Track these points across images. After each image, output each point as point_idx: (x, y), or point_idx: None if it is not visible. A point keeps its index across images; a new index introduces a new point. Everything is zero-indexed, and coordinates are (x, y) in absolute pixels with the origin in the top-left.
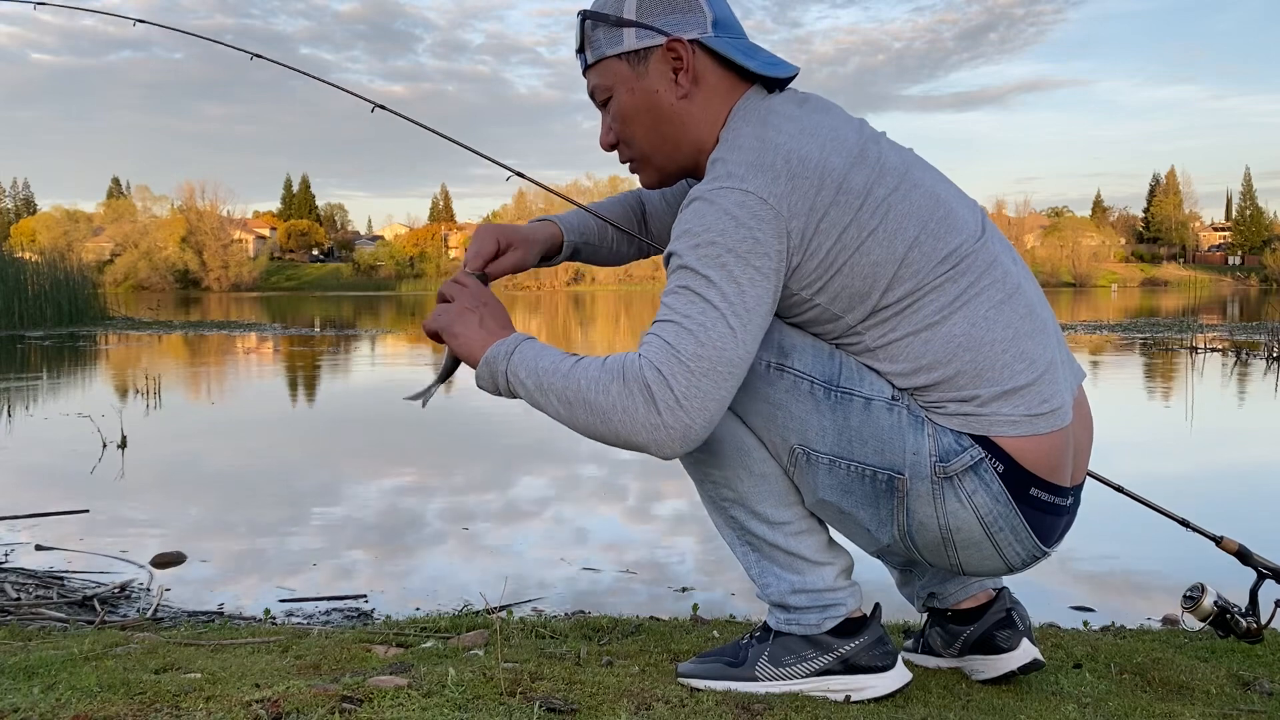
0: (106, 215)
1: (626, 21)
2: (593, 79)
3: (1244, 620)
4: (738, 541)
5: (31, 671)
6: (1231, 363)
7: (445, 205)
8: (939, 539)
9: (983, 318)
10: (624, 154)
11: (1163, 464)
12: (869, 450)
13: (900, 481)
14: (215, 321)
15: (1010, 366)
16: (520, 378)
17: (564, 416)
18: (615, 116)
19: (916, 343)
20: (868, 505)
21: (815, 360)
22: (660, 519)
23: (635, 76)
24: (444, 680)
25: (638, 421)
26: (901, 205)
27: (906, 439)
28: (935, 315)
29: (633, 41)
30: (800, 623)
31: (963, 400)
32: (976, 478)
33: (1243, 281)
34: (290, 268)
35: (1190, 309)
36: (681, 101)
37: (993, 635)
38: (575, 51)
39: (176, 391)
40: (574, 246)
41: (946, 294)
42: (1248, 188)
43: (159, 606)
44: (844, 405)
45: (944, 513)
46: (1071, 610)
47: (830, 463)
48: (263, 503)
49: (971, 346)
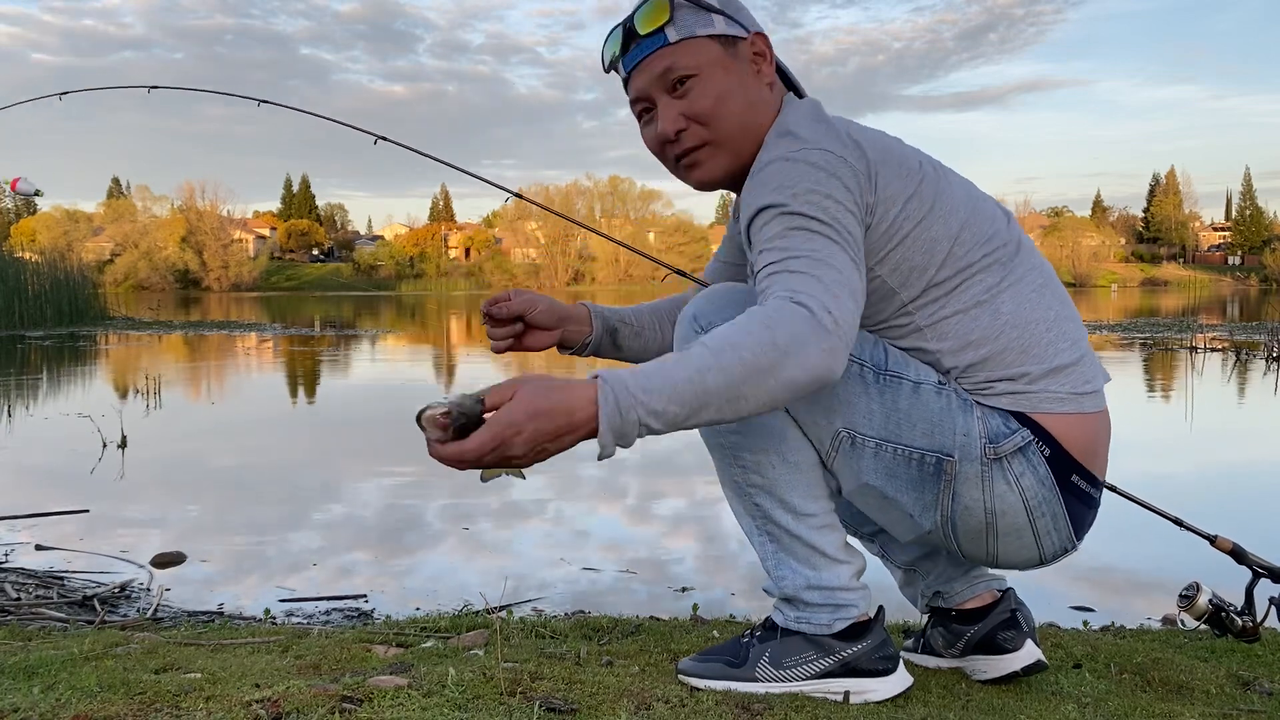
0: (106, 215)
1: (715, 8)
2: (672, 58)
3: (1240, 619)
4: (756, 530)
5: (31, 671)
6: (1231, 363)
7: (445, 205)
8: (981, 525)
9: (1026, 299)
10: (693, 140)
11: (1163, 463)
12: (918, 433)
13: (949, 464)
14: (215, 321)
15: (1054, 344)
16: (659, 409)
17: (730, 409)
18: (702, 95)
19: (966, 320)
20: (913, 490)
21: (861, 345)
22: (660, 519)
23: (730, 58)
24: (444, 680)
25: (812, 351)
26: (949, 190)
27: (956, 421)
28: (983, 294)
29: (723, 27)
30: (811, 621)
31: (1011, 379)
32: (1025, 460)
33: (1243, 281)
34: (290, 268)
35: (1190, 309)
36: (766, 88)
37: (997, 635)
38: (622, 48)
39: (176, 391)
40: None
41: (993, 275)
42: (1248, 188)
43: (159, 606)
44: (893, 388)
45: (991, 496)
46: (1071, 610)
47: (877, 446)
48: (263, 503)
49: (1018, 324)
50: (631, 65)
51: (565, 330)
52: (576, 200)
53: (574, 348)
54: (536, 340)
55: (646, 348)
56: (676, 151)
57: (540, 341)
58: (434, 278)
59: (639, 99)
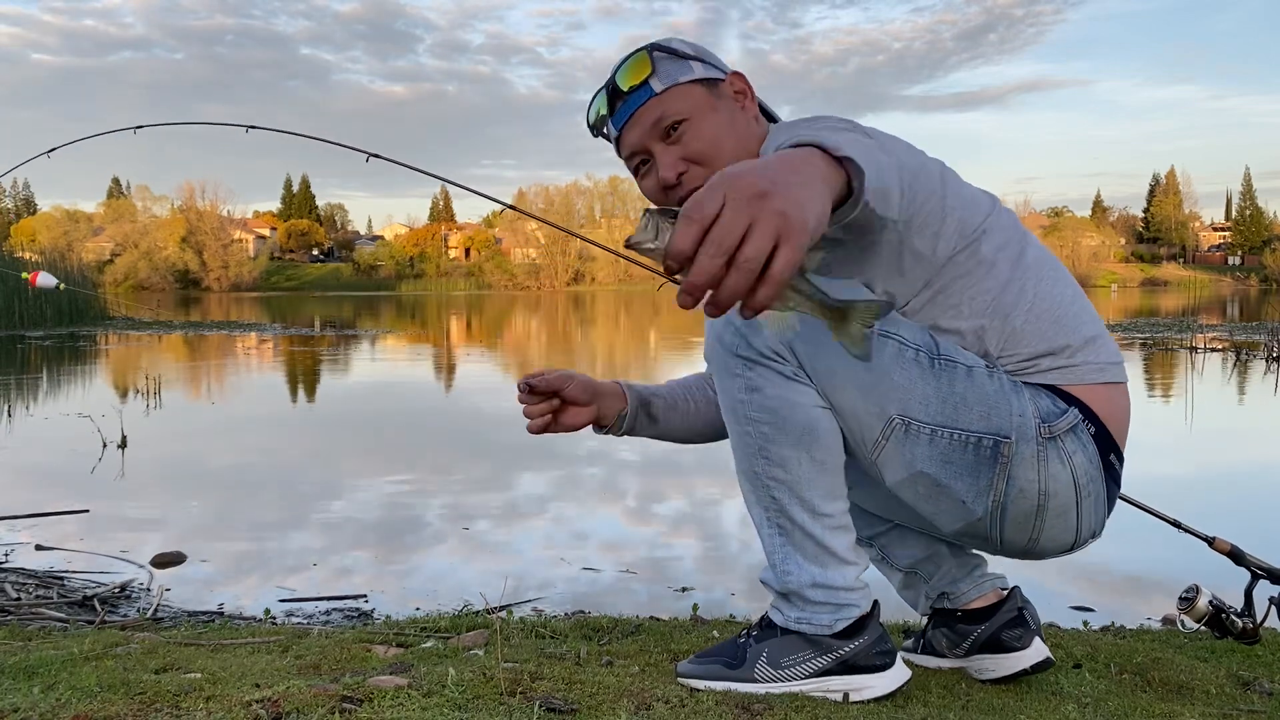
0: (106, 215)
1: (691, 55)
2: (661, 108)
3: (1240, 620)
4: (767, 522)
5: (31, 671)
6: (1231, 363)
7: (445, 205)
8: (1033, 507)
9: (1048, 279)
10: (695, 181)
11: (1163, 464)
12: (974, 416)
13: (1006, 446)
14: (215, 321)
15: (1080, 316)
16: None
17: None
18: (695, 137)
19: (1008, 295)
20: (968, 475)
21: (912, 331)
22: (660, 519)
23: (715, 98)
24: (444, 680)
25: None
26: (956, 177)
27: (1010, 402)
28: (1007, 272)
29: (702, 71)
30: (812, 622)
31: (1054, 353)
32: (1076, 438)
33: (1242, 281)
34: (290, 268)
35: (1190, 309)
36: (753, 122)
37: (1004, 634)
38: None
39: (176, 391)
40: (638, 396)
41: (1011, 257)
42: (1247, 188)
43: (159, 606)
44: (948, 372)
45: (1045, 476)
46: (1071, 610)
47: (933, 432)
48: (263, 502)
49: (1046, 297)
50: (622, 122)
51: (600, 405)
52: (576, 200)
53: (610, 426)
54: (572, 418)
55: (683, 422)
56: (680, 195)
57: (576, 419)
58: (434, 278)
59: (634, 153)
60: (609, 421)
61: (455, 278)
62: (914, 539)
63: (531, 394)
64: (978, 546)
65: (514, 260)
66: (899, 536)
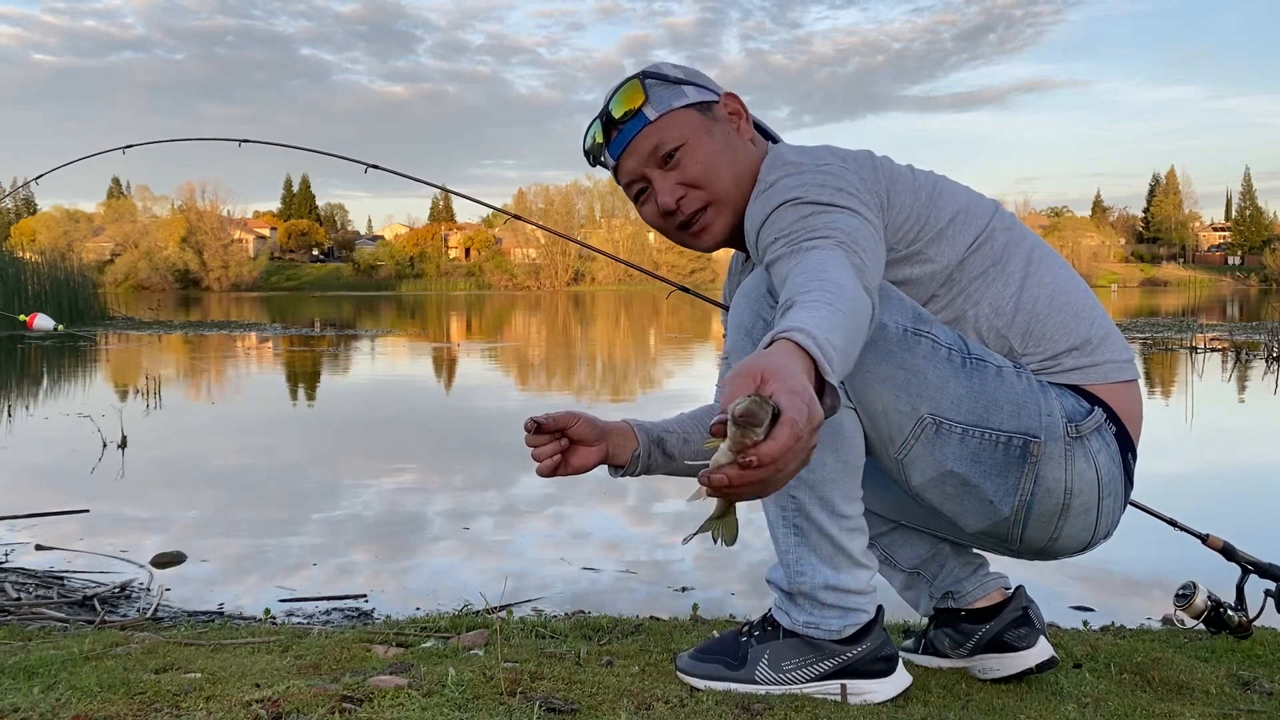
0: (106, 215)
1: (683, 80)
2: (657, 135)
3: (1235, 615)
4: (782, 521)
5: (31, 671)
6: (1231, 363)
7: (445, 205)
8: (1058, 506)
9: (1056, 275)
10: (694, 204)
11: (1163, 463)
12: (1004, 416)
13: (1035, 445)
14: (215, 321)
15: (1092, 311)
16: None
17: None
18: (692, 161)
19: (1026, 292)
20: (996, 474)
21: (944, 332)
22: (660, 519)
23: (710, 121)
24: (444, 680)
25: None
26: (951, 184)
27: (1039, 402)
28: (1021, 269)
29: (695, 95)
30: (820, 626)
31: (1075, 350)
32: (1100, 438)
33: (1242, 281)
34: (290, 268)
35: (1190, 309)
36: (749, 144)
37: (1009, 633)
38: (604, 136)
39: (177, 391)
40: (649, 433)
41: (1023, 255)
42: (1247, 188)
43: (159, 606)
44: (979, 371)
45: (1072, 474)
46: (1071, 610)
47: (964, 431)
48: (263, 502)
49: (1061, 292)
50: (618, 151)
51: (610, 445)
52: (577, 201)
53: (624, 466)
54: (582, 459)
55: (698, 455)
56: (681, 220)
57: (585, 460)
58: (434, 278)
59: (633, 181)
60: (622, 462)
61: (455, 278)
62: (918, 539)
63: (539, 433)
64: (994, 546)
65: (514, 260)
66: (903, 537)
